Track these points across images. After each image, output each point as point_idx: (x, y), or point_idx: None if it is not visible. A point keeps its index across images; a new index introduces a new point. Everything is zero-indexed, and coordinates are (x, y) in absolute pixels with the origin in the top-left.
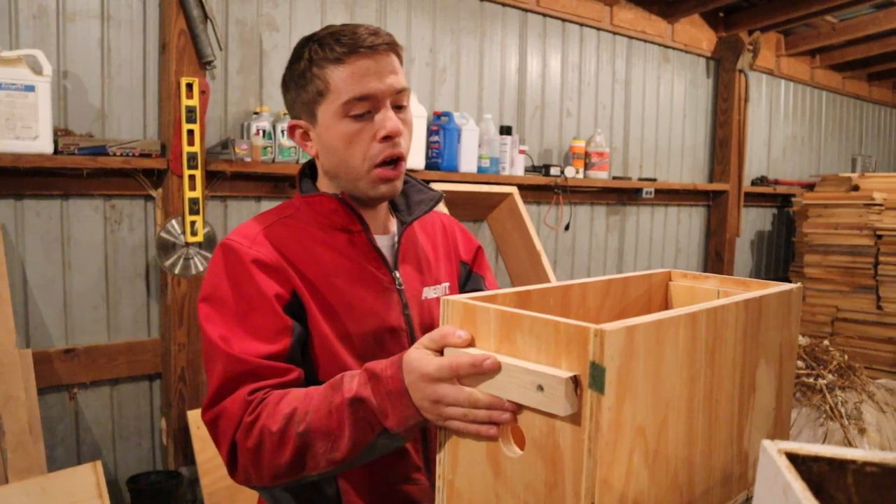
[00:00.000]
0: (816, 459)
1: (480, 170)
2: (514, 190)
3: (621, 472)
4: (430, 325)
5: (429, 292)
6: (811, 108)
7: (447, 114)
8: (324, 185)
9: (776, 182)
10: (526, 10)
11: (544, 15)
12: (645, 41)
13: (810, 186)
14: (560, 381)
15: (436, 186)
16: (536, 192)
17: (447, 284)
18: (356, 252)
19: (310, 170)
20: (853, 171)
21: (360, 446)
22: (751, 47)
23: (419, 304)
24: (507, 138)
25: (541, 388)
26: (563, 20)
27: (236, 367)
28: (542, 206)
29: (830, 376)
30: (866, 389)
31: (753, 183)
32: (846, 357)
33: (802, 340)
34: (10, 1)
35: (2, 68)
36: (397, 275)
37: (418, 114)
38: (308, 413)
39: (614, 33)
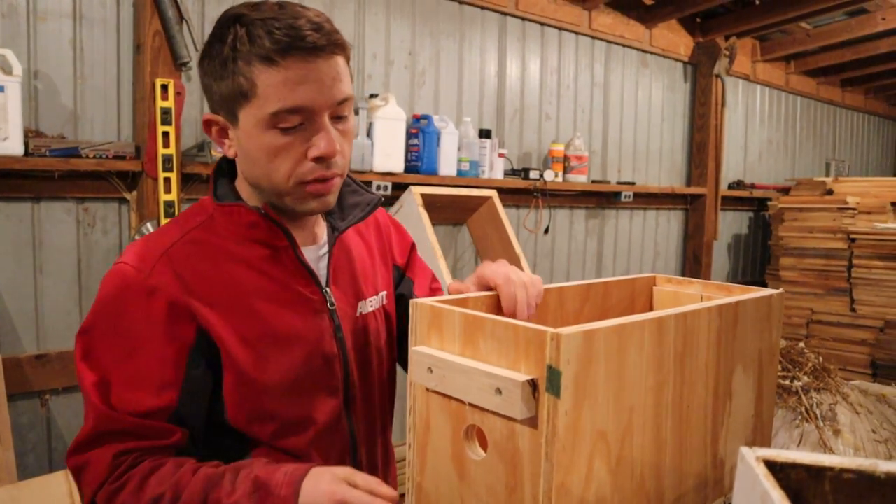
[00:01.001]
0: (794, 466)
1: (460, 173)
2: (493, 193)
3: (580, 477)
4: (364, 347)
5: (364, 306)
6: (786, 113)
7: (427, 117)
8: (244, 188)
9: (752, 186)
10: (505, 14)
11: (523, 18)
12: (623, 46)
13: (786, 190)
14: (517, 384)
15: (416, 189)
16: (516, 196)
17: (384, 293)
18: (281, 270)
19: (227, 166)
20: (827, 175)
21: None
22: (727, 52)
23: (353, 324)
24: (487, 141)
25: (499, 391)
26: (542, 24)
27: (107, 423)
28: (521, 209)
29: (806, 378)
30: (840, 391)
31: (730, 187)
32: (821, 359)
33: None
34: None
35: None
36: (329, 292)
37: (397, 117)
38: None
39: (593, 37)
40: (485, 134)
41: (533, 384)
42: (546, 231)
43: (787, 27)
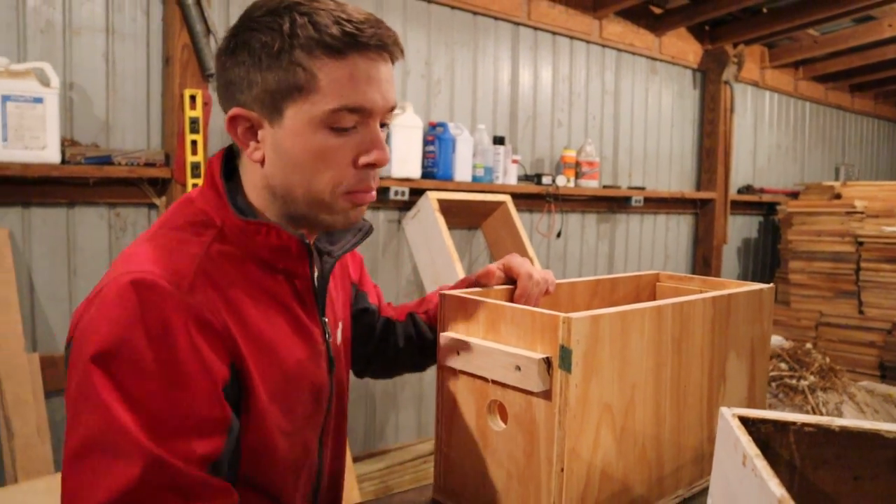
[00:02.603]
0: (763, 422)
1: (475, 179)
2: (507, 198)
3: (589, 443)
4: (340, 379)
5: (337, 335)
6: (795, 119)
7: (442, 124)
8: (259, 199)
9: (762, 190)
10: (518, 24)
11: (535, 28)
12: (633, 54)
13: (795, 195)
14: (534, 361)
15: (432, 195)
16: (529, 201)
17: (342, 320)
18: (295, 301)
19: (226, 167)
20: (836, 179)
21: None
22: (735, 59)
23: (336, 355)
24: (501, 148)
25: (518, 368)
26: (554, 33)
27: (160, 475)
28: (534, 213)
29: (812, 378)
30: (847, 391)
31: (739, 191)
32: (828, 360)
33: (786, 343)
34: (19, 15)
35: (11, 81)
36: (326, 323)
37: (413, 124)
38: None
39: (603, 46)
40: (499, 140)
41: (547, 361)
42: (558, 235)
43: (794, 34)
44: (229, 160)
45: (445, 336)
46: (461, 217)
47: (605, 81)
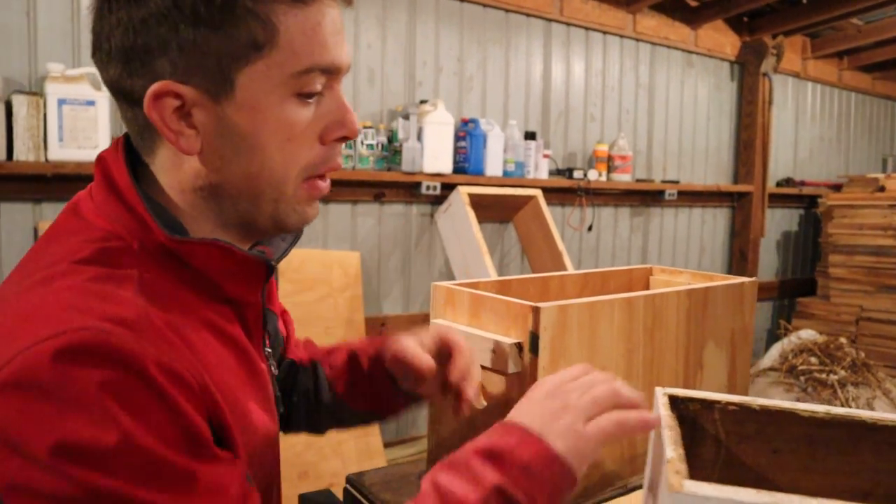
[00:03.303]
0: (692, 400)
1: (506, 173)
2: (537, 192)
3: None
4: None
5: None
6: (839, 110)
7: (474, 120)
8: (187, 206)
9: (802, 183)
10: (550, 20)
11: (568, 24)
12: (668, 47)
13: (837, 187)
14: (506, 346)
15: (463, 189)
16: (560, 195)
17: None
18: (244, 336)
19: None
20: (884, 171)
21: None
22: (774, 51)
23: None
24: (532, 143)
25: (494, 351)
26: (587, 28)
27: None
28: (566, 207)
29: (843, 372)
30: (882, 386)
31: (779, 184)
32: (862, 355)
33: (819, 338)
34: (73, 25)
35: (67, 85)
36: (269, 353)
37: (445, 121)
38: None
39: (637, 40)
40: (530, 136)
41: (519, 346)
42: (590, 228)
43: (837, 24)
44: (129, 154)
45: (435, 323)
46: (493, 211)
47: (640, 75)
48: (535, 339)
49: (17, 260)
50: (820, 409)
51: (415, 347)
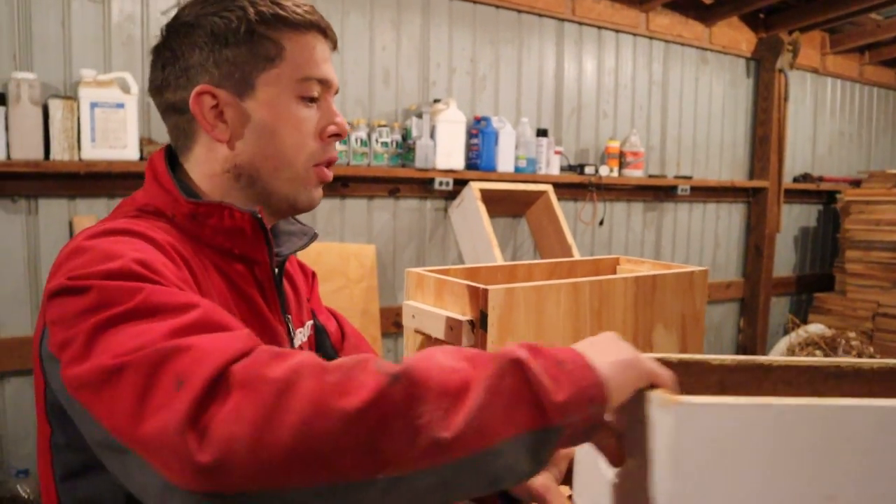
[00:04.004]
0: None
1: (517, 169)
2: (548, 188)
3: None
4: None
5: (299, 336)
6: (860, 105)
7: (486, 118)
8: (217, 187)
9: (820, 179)
10: (562, 20)
11: (580, 23)
12: (682, 45)
13: (857, 183)
14: (460, 323)
15: (474, 185)
16: (572, 190)
17: (310, 323)
18: (256, 291)
19: (168, 164)
20: None
21: (483, 435)
22: (790, 47)
23: None
24: (544, 140)
25: (451, 328)
26: (599, 27)
27: (214, 314)
28: (578, 202)
29: None
30: None
31: (796, 180)
32: (871, 349)
33: (827, 332)
34: (105, 32)
35: (98, 90)
36: (290, 320)
37: (457, 119)
38: (408, 361)
39: (651, 38)
40: (542, 133)
41: (472, 323)
42: (601, 223)
43: (856, 19)
44: (170, 159)
45: (407, 304)
46: (505, 206)
47: (653, 73)
48: (483, 317)
49: (55, 251)
50: (727, 358)
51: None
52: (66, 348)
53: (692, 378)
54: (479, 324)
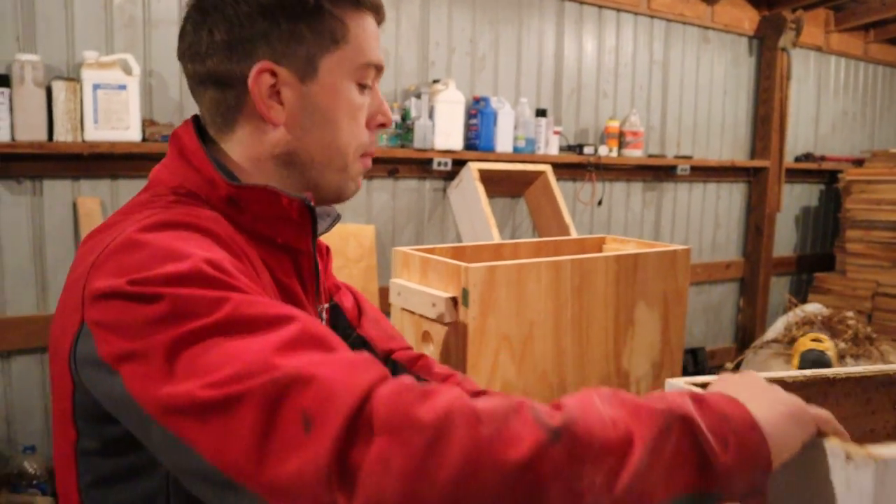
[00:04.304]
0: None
1: (516, 149)
2: (547, 168)
3: (488, 364)
4: None
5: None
6: (864, 84)
7: (484, 98)
8: (259, 172)
9: (822, 158)
10: (563, 0)
11: (581, 2)
12: (684, 23)
13: (860, 162)
14: (443, 299)
15: (473, 165)
16: (571, 170)
17: (327, 305)
18: (297, 282)
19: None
20: None
21: (642, 499)
22: (793, 25)
23: None
24: (542, 120)
25: (434, 304)
26: (600, 7)
27: (317, 330)
28: (577, 182)
29: (843, 345)
30: (885, 359)
31: (797, 159)
32: (869, 329)
33: (825, 311)
34: (107, 13)
35: (100, 71)
36: (324, 308)
37: (456, 99)
38: (568, 409)
39: (652, 17)
40: (541, 113)
41: (454, 300)
42: (599, 203)
43: None
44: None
45: (393, 282)
46: (504, 186)
47: (654, 52)
48: (465, 294)
49: (60, 230)
50: (799, 374)
51: None
52: (134, 361)
53: None
54: (462, 300)
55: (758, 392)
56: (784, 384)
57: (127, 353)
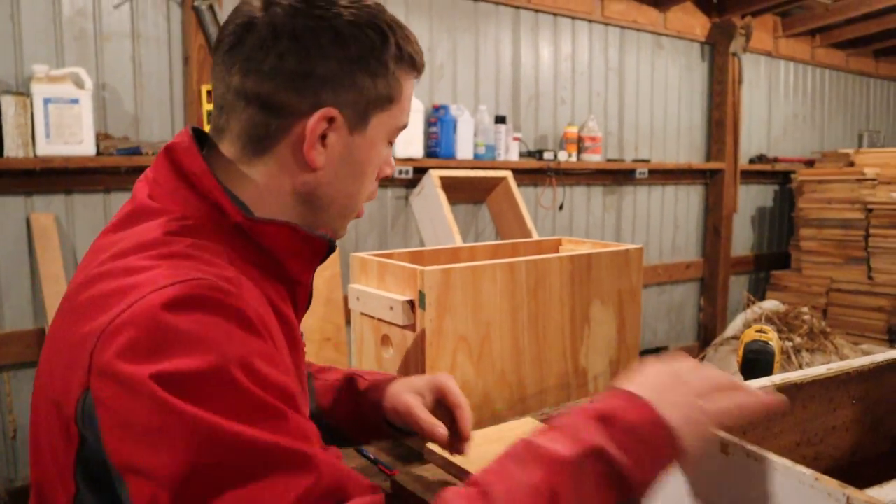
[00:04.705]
0: None
1: (477, 156)
2: (508, 174)
3: (447, 365)
4: None
5: None
6: (813, 87)
7: (444, 106)
8: (272, 205)
9: (775, 160)
10: (518, 8)
11: (536, 11)
12: (637, 30)
13: (811, 163)
14: (400, 303)
15: (434, 172)
16: (532, 176)
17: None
18: (291, 310)
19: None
20: (860, 146)
21: None
22: (743, 31)
23: None
24: (502, 126)
25: (391, 308)
26: (555, 14)
27: (339, 480)
28: (538, 188)
29: (799, 339)
30: (839, 352)
31: (751, 161)
32: (823, 324)
33: (781, 308)
34: (55, 26)
35: (51, 85)
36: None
37: (416, 108)
38: (488, 489)
39: (606, 24)
40: (500, 120)
41: (411, 303)
42: (560, 207)
43: (806, 3)
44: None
45: (352, 287)
46: (466, 192)
47: (609, 59)
48: (422, 296)
49: (13, 248)
50: (774, 379)
51: (423, 412)
52: (142, 477)
53: None
54: (419, 303)
55: (661, 388)
56: None
57: (136, 467)
